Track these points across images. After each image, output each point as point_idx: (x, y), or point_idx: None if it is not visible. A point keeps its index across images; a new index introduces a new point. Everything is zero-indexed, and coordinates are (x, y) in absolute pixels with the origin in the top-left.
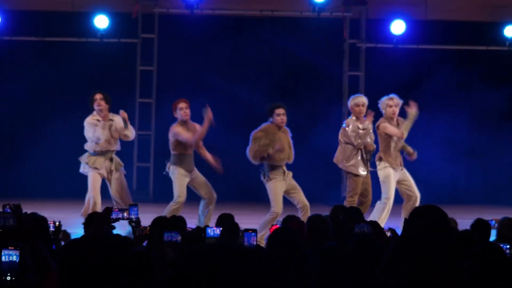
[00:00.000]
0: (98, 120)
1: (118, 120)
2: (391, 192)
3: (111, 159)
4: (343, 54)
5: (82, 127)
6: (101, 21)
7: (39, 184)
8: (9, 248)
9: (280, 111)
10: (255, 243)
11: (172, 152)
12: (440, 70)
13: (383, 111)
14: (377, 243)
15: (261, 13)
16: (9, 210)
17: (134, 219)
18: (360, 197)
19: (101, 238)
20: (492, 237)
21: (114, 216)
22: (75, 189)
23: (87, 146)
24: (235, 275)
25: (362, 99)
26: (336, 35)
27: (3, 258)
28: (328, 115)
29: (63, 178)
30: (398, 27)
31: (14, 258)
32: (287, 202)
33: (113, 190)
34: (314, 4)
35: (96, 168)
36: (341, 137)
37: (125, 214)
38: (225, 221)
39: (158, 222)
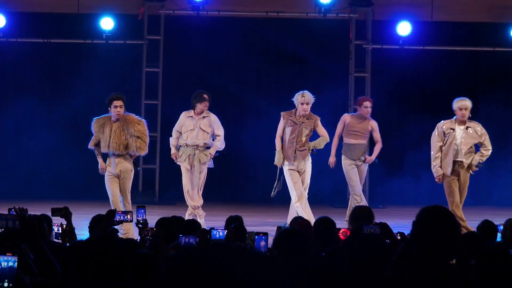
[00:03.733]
0: (191, 116)
1: (212, 118)
2: None
3: (194, 154)
4: (349, 55)
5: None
6: (107, 23)
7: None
8: (7, 254)
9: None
10: (265, 246)
11: None
12: (446, 72)
13: None
14: (385, 244)
15: (267, 14)
16: (14, 213)
17: (141, 221)
18: None
19: (106, 239)
20: (498, 239)
21: (117, 218)
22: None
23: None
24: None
25: (462, 103)
26: (342, 37)
27: (1, 265)
28: (334, 116)
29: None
30: (404, 28)
31: (12, 264)
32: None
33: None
34: (320, 5)
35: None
36: None
37: (129, 217)
38: (233, 223)
39: (162, 223)
